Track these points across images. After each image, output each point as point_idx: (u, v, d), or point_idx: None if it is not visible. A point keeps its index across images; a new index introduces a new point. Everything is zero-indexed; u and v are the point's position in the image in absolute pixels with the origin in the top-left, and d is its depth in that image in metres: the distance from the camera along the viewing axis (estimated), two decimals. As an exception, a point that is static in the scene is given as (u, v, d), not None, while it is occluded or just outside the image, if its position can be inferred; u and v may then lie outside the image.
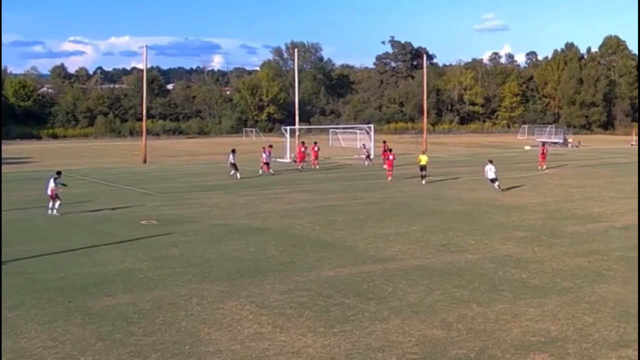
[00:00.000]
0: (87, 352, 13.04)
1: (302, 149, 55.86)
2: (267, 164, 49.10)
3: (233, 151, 47.45)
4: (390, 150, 46.79)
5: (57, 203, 30.05)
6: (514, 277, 18.61)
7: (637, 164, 48.59)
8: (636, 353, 12.77)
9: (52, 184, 30.40)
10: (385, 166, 46.26)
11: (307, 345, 13.34)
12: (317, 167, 53.90)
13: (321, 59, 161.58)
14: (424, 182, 41.64)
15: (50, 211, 29.90)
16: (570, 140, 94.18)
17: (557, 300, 16.22)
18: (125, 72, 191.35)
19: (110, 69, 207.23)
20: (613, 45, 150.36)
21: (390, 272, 19.15)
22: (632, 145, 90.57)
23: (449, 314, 15.26)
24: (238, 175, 45.39)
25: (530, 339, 13.62)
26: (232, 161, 46.47)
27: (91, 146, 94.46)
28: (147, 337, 13.84)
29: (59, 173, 31.89)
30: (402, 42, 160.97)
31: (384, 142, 54.21)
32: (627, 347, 13.07)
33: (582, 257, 20.94)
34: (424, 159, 42.86)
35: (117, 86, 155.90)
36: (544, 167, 52.86)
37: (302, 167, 53.28)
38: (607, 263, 20.09)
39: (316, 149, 55.71)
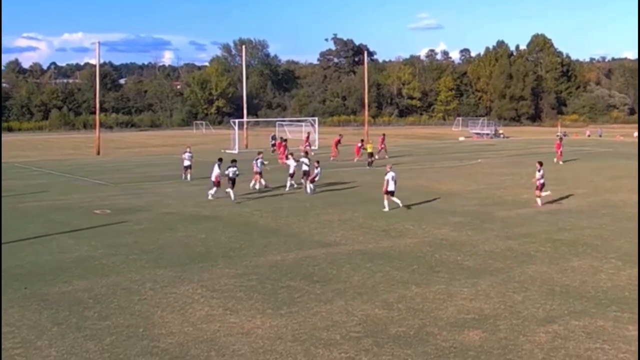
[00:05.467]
0: (43, 337, 12.80)
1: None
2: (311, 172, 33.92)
3: None
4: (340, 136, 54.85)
5: (214, 190, 30.55)
6: (450, 259, 18.83)
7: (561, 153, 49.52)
8: (562, 328, 13.05)
9: (217, 170, 30.64)
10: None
11: (256, 326, 13.32)
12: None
13: (268, 55, 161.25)
14: (371, 167, 44.96)
15: (209, 196, 30.45)
16: (501, 131, 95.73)
17: (490, 280, 16.46)
18: (78, 67, 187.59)
19: (63, 64, 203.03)
20: (540, 43, 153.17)
21: (334, 256, 19.21)
22: (557, 136, 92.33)
23: (389, 294, 15.37)
24: None
25: (465, 316, 13.80)
26: None
27: (46, 139, 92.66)
28: (102, 321, 13.65)
29: (220, 160, 31.58)
30: (345, 39, 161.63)
31: (340, 135, 57.08)
32: (553, 323, 13.33)
33: (512, 240, 21.30)
34: (370, 147, 47.75)
35: (70, 81, 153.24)
36: (560, 161, 48.06)
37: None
38: (535, 245, 20.46)
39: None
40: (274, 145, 56.25)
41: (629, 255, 18.95)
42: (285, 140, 52.11)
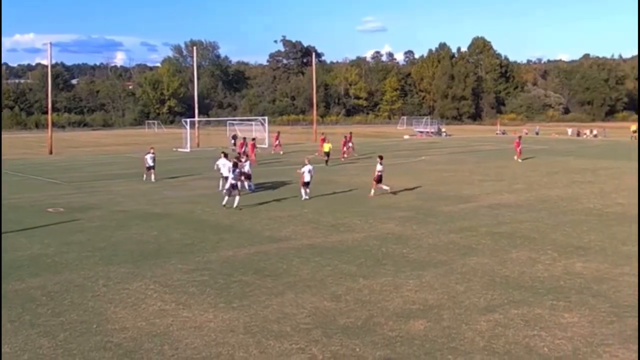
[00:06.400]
0: (-4, 334, 12.51)
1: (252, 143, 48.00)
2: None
3: None
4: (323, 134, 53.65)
5: (246, 183, 30.07)
6: (396, 252, 18.97)
7: (500, 150, 50.33)
8: (502, 316, 13.27)
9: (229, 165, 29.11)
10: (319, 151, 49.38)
11: (209, 319, 13.23)
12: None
13: (218, 56, 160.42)
14: (327, 165, 44.57)
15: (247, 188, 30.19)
16: (444, 130, 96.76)
17: (434, 272, 16.64)
18: (30, 67, 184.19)
19: (15, 65, 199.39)
20: (480, 45, 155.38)
21: (285, 251, 19.20)
22: (497, 134, 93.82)
23: (338, 287, 15.42)
24: None
25: (411, 307, 13.93)
26: None
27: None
28: (56, 318, 13.41)
29: (235, 165, 28.45)
30: (293, 41, 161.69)
31: (322, 133, 56.44)
32: (494, 312, 13.54)
33: (455, 233, 21.56)
34: (327, 147, 46.23)
35: (22, 81, 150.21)
36: (519, 159, 48.06)
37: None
38: (476, 238, 20.75)
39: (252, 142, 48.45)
40: (234, 144, 55.29)
41: (564, 247, 19.37)
42: (254, 139, 49.49)
